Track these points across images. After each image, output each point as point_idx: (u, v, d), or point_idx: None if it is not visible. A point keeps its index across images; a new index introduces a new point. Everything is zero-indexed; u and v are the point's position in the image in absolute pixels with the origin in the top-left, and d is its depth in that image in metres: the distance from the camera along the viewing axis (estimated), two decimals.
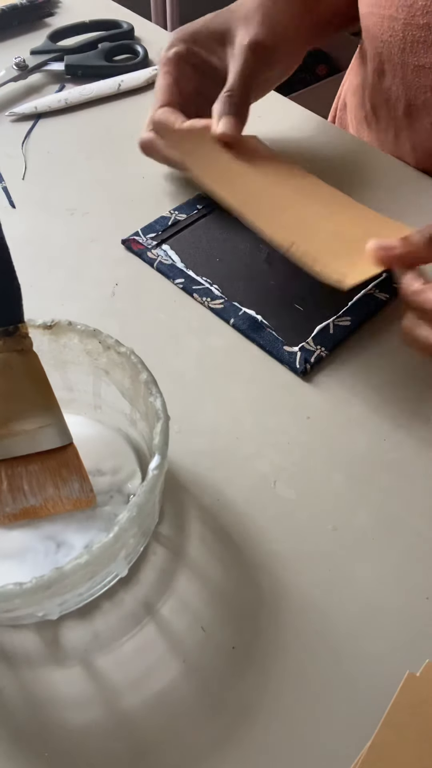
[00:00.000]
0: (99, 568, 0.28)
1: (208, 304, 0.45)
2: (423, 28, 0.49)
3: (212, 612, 0.32)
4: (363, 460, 0.37)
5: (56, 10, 0.75)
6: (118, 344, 0.32)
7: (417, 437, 0.38)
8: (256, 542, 0.34)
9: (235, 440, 0.38)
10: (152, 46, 0.69)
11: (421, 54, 0.50)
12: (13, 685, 0.30)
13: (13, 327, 0.31)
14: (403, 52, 0.51)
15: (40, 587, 0.24)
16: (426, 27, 0.49)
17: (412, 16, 0.49)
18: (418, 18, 0.49)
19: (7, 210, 0.52)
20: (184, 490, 0.36)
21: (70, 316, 0.33)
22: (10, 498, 0.32)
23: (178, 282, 0.46)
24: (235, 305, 0.44)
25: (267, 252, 0.48)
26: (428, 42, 0.49)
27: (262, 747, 0.28)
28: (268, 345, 0.42)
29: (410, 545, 0.34)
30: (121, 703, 0.29)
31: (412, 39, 0.50)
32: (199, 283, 0.46)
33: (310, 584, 0.33)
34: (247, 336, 0.43)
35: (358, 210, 0.45)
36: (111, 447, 0.36)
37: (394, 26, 0.51)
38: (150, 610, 0.32)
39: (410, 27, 0.50)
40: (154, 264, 0.47)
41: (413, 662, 0.30)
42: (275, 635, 0.31)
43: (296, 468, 0.37)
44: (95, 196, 0.52)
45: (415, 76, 0.52)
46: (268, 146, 0.50)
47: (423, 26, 0.49)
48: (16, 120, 0.61)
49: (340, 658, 0.31)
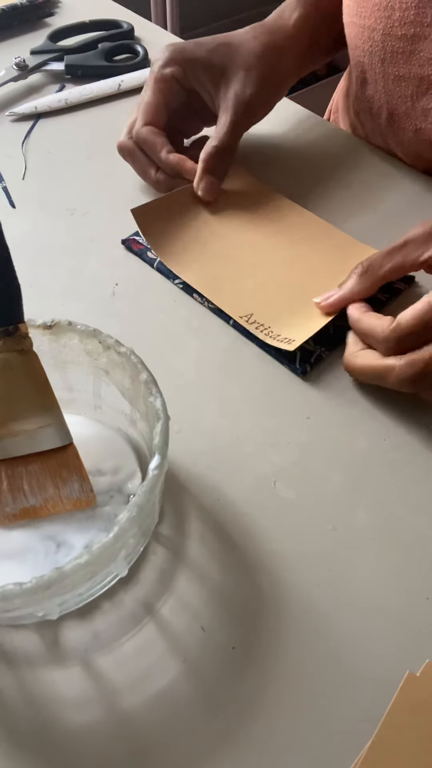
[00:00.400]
0: (99, 568, 0.28)
1: (208, 304, 0.45)
2: (401, 38, 0.49)
3: (212, 612, 0.32)
4: (363, 460, 0.37)
5: (56, 10, 0.75)
6: (118, 344, 0.32)
7: (417, 437, 0.38)
8: (256, 542, 0.34)
9: (235, 440, 0.38)
10: (152, 46, 0.69)
11: (400, 64, 0.50)
12: (13, 685, 0.30)
13: (13, 327, 0.31)
14: (383, 63, 0.51)
15: (40, 587, 0.24)
16: (404, 38, 0.48)
17: (391, 27, 0.49)
18: (396, 29, 0.49)
19: (7, 210, 0.52)
20: (184, 490, 0.36)
21: (70, 316, 0.33)
22: (10, 498, 0.31)
23: (178, 282, 0.46)
24: None
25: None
26: (407, 52, 0.49)
27: (262, 747, 0.28)
28: (267, 345, 0.42)
29: (410, 545, 0.34)
30: (121, 703, 0.29)
31: (391, 50, 0.50)
32: None
33: (310, 584, 0.33)
34: (247, 336, 0.43)
35: (323, 247, 0.48)
36: (111, 447, 0.36)
37: (374, 36, 0.51)
38: (150, 610, 0.32)
39: (389, 38, 0.49)
40: (154, 264, 0.47)
41: (413, 662, 0.30)
42: (275, 635, 0.31)
43: (296, 468, 0.37)
44: (95, 196, 0.52)
45: (395, 85, 0.52)
46: (250, 177, 0.53)
47: (401, 37, 0.49)
48: (16, 120, 0.61)
49: (340, 658, 0.31)
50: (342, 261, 0.46)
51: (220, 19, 1.85)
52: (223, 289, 0.45)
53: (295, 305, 0.44)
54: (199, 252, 0.47)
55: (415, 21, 0.47)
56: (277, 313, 0.43)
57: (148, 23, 0.74)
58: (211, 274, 0.46)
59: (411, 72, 0.50)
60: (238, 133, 0.50)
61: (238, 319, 0.43)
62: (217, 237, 0.48)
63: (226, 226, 0.49)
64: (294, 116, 0.61)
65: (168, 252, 0.46)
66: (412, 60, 0.49)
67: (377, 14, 0.49)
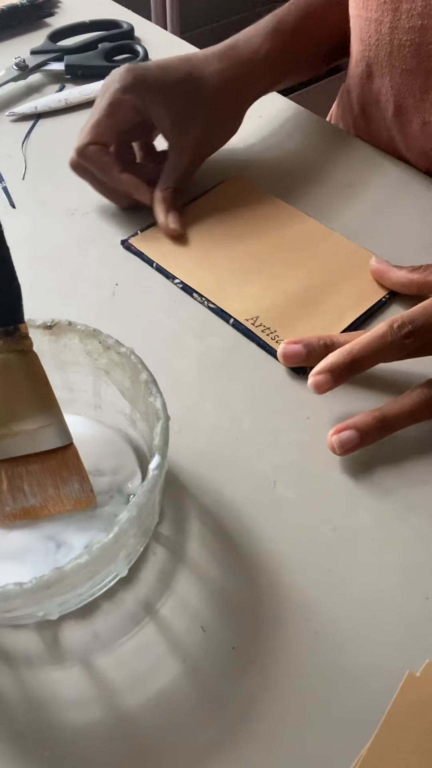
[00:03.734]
0: (99, 568, 0.28)
1: (208, 304, 0.45)
2: (409, 31, 0.48)
3: (212, 612, 0.32)
4: (363, 460, 0.37)
5: (56, 10, 0.75)
6: (118, 344, 0.32)
7: (417, 437, 0.38)
8: (256, 542, 0.34)
9: (235, 440, 0.38)
10: (152, 46, 0.69)
11: (408, 58, 0.50)
12: (13, 685, 0.30)
13: (13, 327, 0.31)
14: (390, 56, 0.51)
15: (40, 587, 0.24)
16: (411, 30, 0.48)
17: (398, 20, 0.49)
18: (403, 21, 0.48)
19: (7, 210, 0.52)
20: (184, 490, 0.36)
21: (70, 316, 0.33)
22: (10, 498, 0.31)
23: (178, 282, 0.46)
24: None
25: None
26: (414, 45, 0.49)
27: (262, 747, 0.28)
28: (268, 345, 0.42)
29: (410, 545, 0.34)
30: (121, 703, 0.29)
31: (398, 43, 0.50)
32: None
33: (310, 584, 0.33)
34: (247, 335, 0.43)
35: (324, 252, 0.48)
36: (111, 447, 0.36)
37: (381, 30, 0.50)
38: (150, 610, 0.32)
39: (396, 31, 0.49)
40: (153, 264, 0.47)
41: (413, 662, 0.30)
42: (275, 635, 0.31)
43: (296, 468, 0.37)
44: (95, 196, 0.52)
45: (403, 79, 0.52)
46: (248, 183, 0.53)
47: (408, 30, 0.48)
48: (16, 120, 0.61)
49: (340, 658, 0.31)
50: (343, 265, 0.47)
51: (220, 19, 1.85)
52: (228, 292, 0.45)
53: (300, 310, 0.44)
54: (202, 259, 0.47)
55: (423, 13, 0.47)
56: (283, 317, 0.44)
57: (148, 23, 0.74)
58: (215, 278, 0.46)
59: (419, 65, 0.50)
60: (191, 174, 0.51)
61: (244, 322, 0.43)
62: (219, 246, 0.48)
63: (228, 234, 0.49)
64: (294, 116, 0.61)
65: (172, 263, 0.47)
66: (421, 52, 0.49)
67: (384, 7, 0.49)
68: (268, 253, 0.48)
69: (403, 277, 0.44)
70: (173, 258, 0.47)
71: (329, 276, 0.46)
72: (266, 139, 0.58)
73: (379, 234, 0.49)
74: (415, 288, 0.44)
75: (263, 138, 0.58)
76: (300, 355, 0.40)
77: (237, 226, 0.50)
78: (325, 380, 0.36)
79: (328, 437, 0.36)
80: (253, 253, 0.48)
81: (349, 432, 0.36)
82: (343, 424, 0.36)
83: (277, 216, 0.51)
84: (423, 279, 0.43)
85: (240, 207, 0.51)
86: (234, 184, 0.53)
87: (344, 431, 0.36)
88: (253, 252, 0.48)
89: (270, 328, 0.43)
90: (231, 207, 0.51)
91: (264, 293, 0.45)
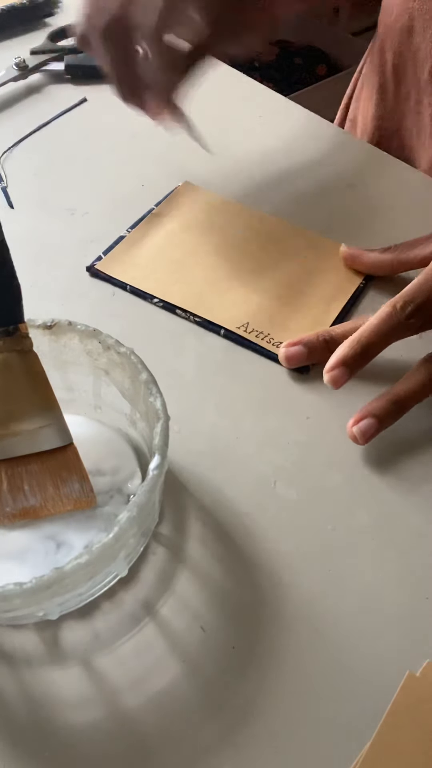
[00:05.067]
0: (99, 568, 0.28)
1: (194, 319, 0.44)
2: None
3: (212, 612, 0.32)
4: (363, 460, 0.37)
5: (56, 10, 0.75)
6: (118, 344, 0.32)
7: (417, 437, 0.38)
8: (256, 542, 0.34)
9: (235, 440, 0.38)
10: None
11: None
12: (13, 685, 0.30)
13: (13, 327, 0.31)
14: None
15: (40, 587, 0.24)
16: None
17: None
18: None
19: (6, 210, 0.52)
20: (184, 490, 0.36)
21: (70, 316, 0.33)
22: (10, 498, 0.31)
23: (157, 301, 0.45)
24: None
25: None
26: None
27: (262, 747, 0.28)
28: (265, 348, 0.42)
29: (410, 545, 0.34)
30: (121, 703, 0.29)
31: None
32: None
33: (310, 584, 0.33)
34: (242, 344, 0.43)
35: (298, 250, 0.48)
36: (111, 447, 0.36)
37: None
38: (150, 610, 0.32)
39: None
40: (127, 287, 0.46)
41: (413, 662, 0.30)
42: (275, 635, 0.31)
43: (296, 468, 0.37)
44: (95, 196, 0.52)
45: None
46: (211, 193, 0.52)
47: None
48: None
49: (340, 657, 0.31)
50: (314, 258, 0.47)
51: None
52: (211, 303, 0.44)
53: (287, 309, 0.44)
54: (176, 273, 0.46)
55: None
56: (273, 319, 0.43)
57: None
58: (195, 291, 0.45)
59: None
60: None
61: (236, 330, 0.43)
62: (190, 256, 0.47)
63: (195, 243, 0.48)
64: (294, 117, 0.61)
65: (147, 282, 0.46)
66: None
67: None
68: (239, 257, 0.47)
69: (377, 258, 0.45)
70: (146, 276, 0.46)
71: (304, 271, 0.46)
72: (265, 140, 0.58)
73: (379, 234, 0.49)
74: (388, 268, 0.45)
75: (263, 138, 0.58)
76: (302, 355, 0.40)
77: (203, 234, 0.49)
78: (341, 373, 0.37)
79: (348, 428, 0.37)
80: (226, 259, 0.47)
81: (368, 420, 0.36)
82: (359, 413, 0.37)
83: (239, 218, 0.50)
84: (395, 258, 0.44)
85: (199, 214, 0.50)
86: (184, 191, 0.52)
87: (362, 420, 0.36)
88: (225, 258, 0.47)
89: (263, 332, 0.43)
90: (190, 215, 0.50)
91: (248, 298, 0.45)
